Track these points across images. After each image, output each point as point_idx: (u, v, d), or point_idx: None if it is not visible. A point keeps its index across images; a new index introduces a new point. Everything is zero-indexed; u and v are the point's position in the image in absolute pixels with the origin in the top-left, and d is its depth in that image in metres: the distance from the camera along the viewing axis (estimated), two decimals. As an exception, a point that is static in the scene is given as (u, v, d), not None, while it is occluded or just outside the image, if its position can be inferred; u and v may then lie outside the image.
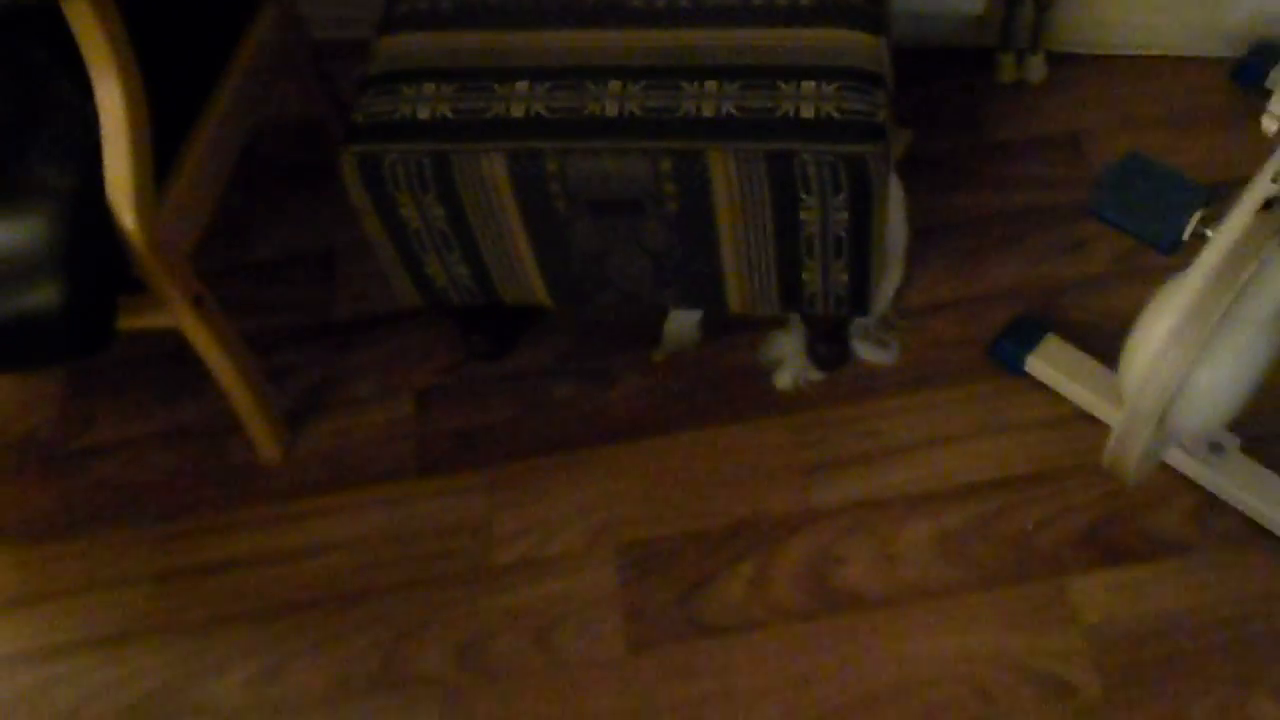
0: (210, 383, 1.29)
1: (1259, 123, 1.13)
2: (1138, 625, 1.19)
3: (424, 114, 1.12)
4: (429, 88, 1.13)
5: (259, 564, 1.31)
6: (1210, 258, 1.03)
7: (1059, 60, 1.65)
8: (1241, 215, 1.06)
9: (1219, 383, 1.05)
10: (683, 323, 1.43)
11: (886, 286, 1.42)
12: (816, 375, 1.38)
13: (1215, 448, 1.26)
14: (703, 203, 1.11)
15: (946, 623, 1.21)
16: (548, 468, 1.35)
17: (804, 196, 1.10)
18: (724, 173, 1.09)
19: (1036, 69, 1.63)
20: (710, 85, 1.10)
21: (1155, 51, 1.63)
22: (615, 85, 1.11)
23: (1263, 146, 1.08)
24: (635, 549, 1.28)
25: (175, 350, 1.47)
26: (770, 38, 1.13)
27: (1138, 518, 1.25)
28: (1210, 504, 1.25)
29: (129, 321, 1.19)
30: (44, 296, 1.06)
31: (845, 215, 1.11)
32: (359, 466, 1.37)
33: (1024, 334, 1.36)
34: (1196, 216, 1.12)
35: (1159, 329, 1.07)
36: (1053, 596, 1.21)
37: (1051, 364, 1.33)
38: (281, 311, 1.52)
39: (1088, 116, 1.59)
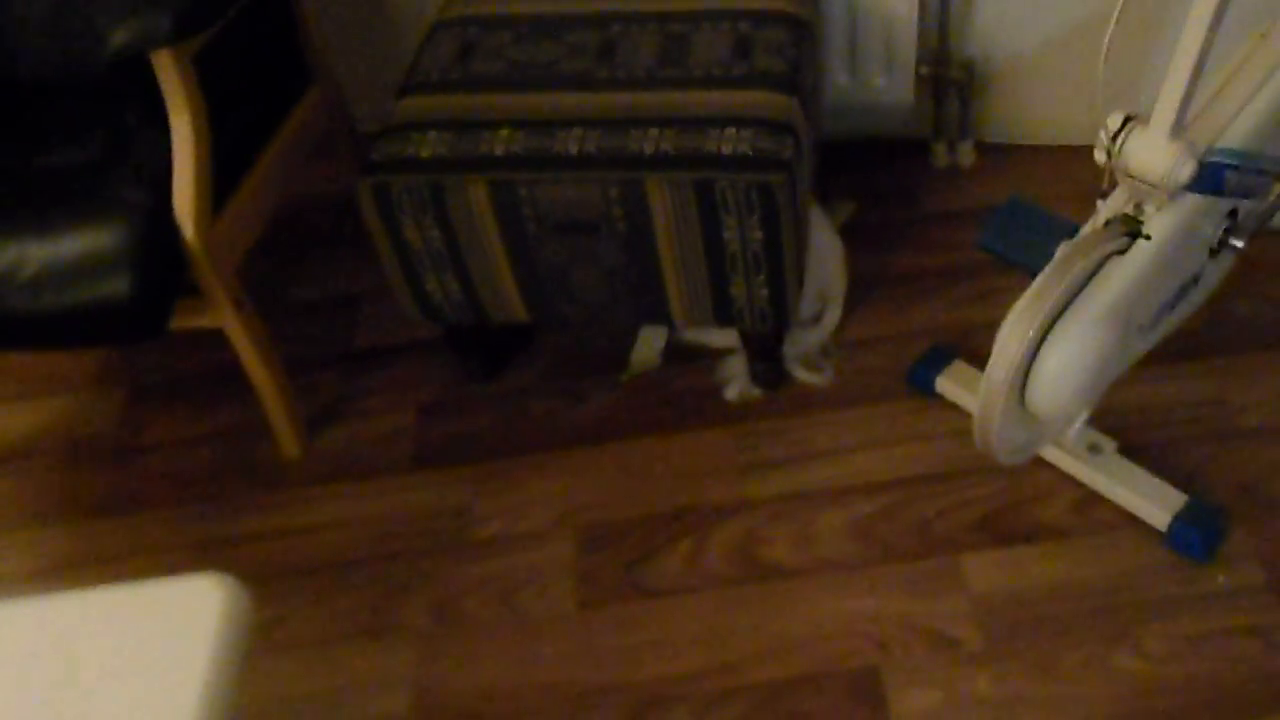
0: (243, 397, 1.55)
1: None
2: (1020, 594, 1.37)
3: (425, 153, 1.40)
4: (431, 134, 1.42)
5: (276, 537, 1.54)
6: (1057, 257, 1.26)
7: (987, 150, 1.92)
8: (1088, 229, 1.30)
9: (1066, 364, 1.26)
10: (647, 349, 1.67)
11: (826, 321, 1.66)
12: (757, 393, 1.61)
13: (1094, 449, 1.46)
14: (645, 224, 1.38)
15: (852, 590, 1.40)
16: (523, 466, 1.58)
17: (725, 218, 1.35)
18: (660, 197, 1.35)
19: (966, 155, 1.89)
20: (652, 131, 1.37)
21: (1071, 142, 1.90)
22: (577, 132, 1.39)
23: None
24: (591, 529, 1.50)
25: (217, 370, 1.74)
26: (704, 99, 1.41)
27: (1025, 509, 1.45)
28: (1091, 498, 1.45)
29: (183, 321, 1.46)
30: (116, 288, 1.34)
31: (759, 235, 1.37)
32: (364, 463, 1.61)
33: (935, 359, 1.58)
34: (1065, 242, 1.35)
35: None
36: (946, 571, 1.41)
37: (957, 383, 1.55)
38: (309, 343, 1.79)
39: (1008, 193, 1.84)
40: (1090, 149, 1.89)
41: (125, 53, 1.30)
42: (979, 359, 1.59)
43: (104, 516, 1.60)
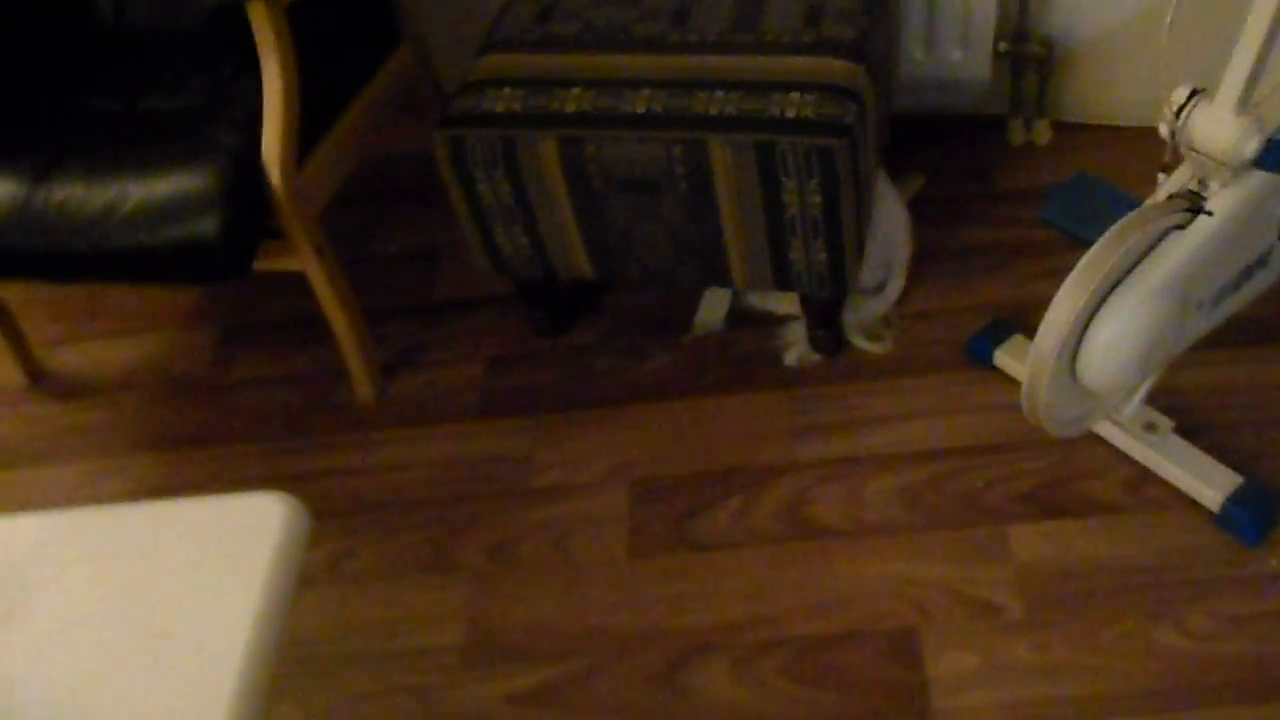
0: (325, 342, 1.62)
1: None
2: (1065, 566, 1.38)
3: (500, 108, 1.45)
4: (506, 91, 1.47)
5: (348, 475, 1.62)
6: (1113, 228, 1.27)
7: (1064, 128, 1.91)
8: (1149, 203, 1.30)
9: (1117, 338, 1.26)
10: (711, 311, 1.71)
11: (889, 290, 1.68)
12: (817, 358, 1.64)
13: (1151, 428, 1.45)
14: (706, 184, 1.41)
15: (897, 554, 1.42)
16: (583, 420, 1.63)
17: (784, 180, 1.38)
18: (722, 158, 1.38)
19: (1042, 133, 1.89)
20: (718, 94, 1.41)
21: (1146, 123, 1.87)
22: (645, 92, 1.43)
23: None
24: (645, 482, 1.54)
25: (302, 314, 1.82)
26: (772, 63, 1.43)
27: (1077, 483, 1.46)
28: (1144, 476, 1.45)
29: (267, 264, 1.54)
30: (207, 226, 1.42)
31: (819, 199, 1.39)
32: (433, 409, 1.68)
33: (996, 333, 1.59)
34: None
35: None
36: (993, 540, 1.42)
37: (1016, 357, 1.56)
38: (388, 294, 1.86)
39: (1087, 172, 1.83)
40: (1169, 130, 1.87)
41: (224, 1, 1.37)
42: (1040, 334, 1.59)
43: (192, 448, 1.70)
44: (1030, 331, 1.60)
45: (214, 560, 0.94)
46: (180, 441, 1.71)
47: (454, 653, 1.41)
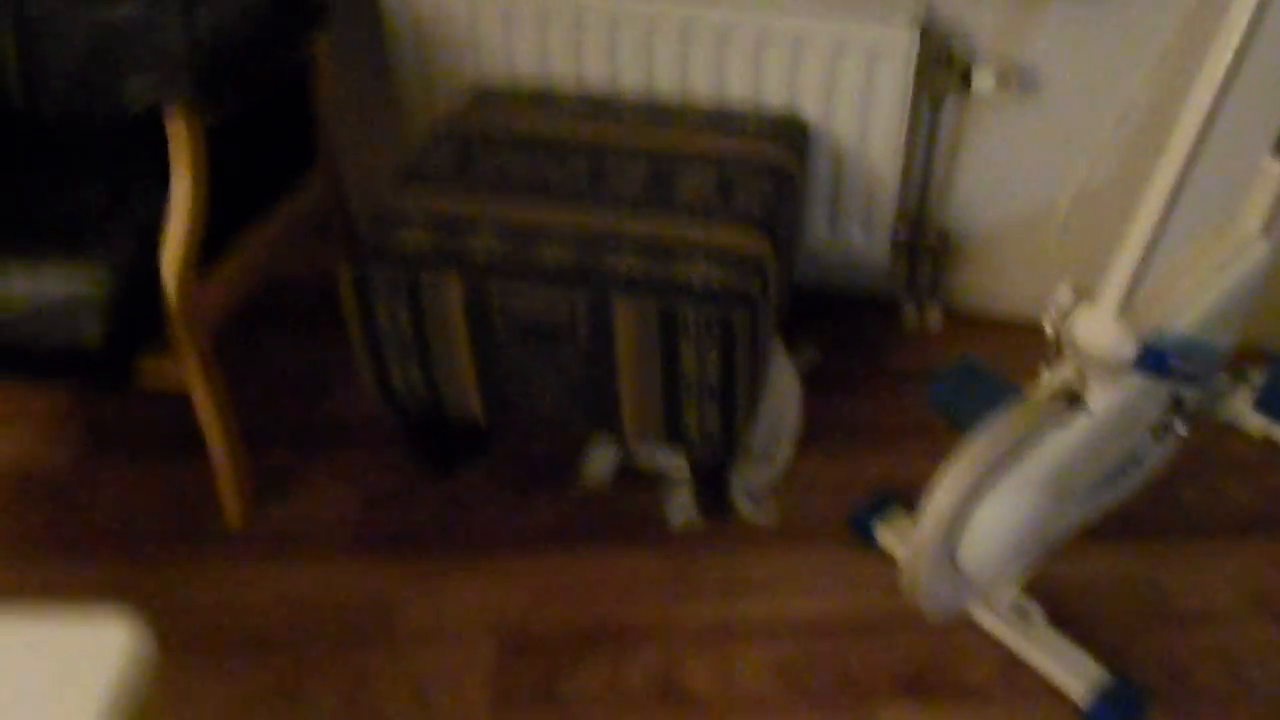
0: (198, 458, 1.56)
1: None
2: (933, 754, 1.37)
3: (409, 247, 1.45)
4: (417, 228, 1.47)
5: (202, 604, 1.54)
6: (995, 422, 1.30)
7: (956, 315, 1.98)
8: (1031, 396, 1.34)
9: (995, 526, 1.29)
10: (599, 465, 1.69)
11: (777, 460, 1.69)
12: (701, 522, 1.63)
13: (1023, 615, 1.47)
14: (607, 340, 1.42)
15: (768, 729, 1.39)
16: (458, 565, 1.59)
17: (684, 345, 1.40)
18: (624, 318, 1.39)
19: (934, 319, 1.95)
20: (627, 254, 1.43)
21: (1033, 318, 1.96)
22: (555, 244, 1.44)
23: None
24: (516, 635, 1.49)
25: (177, 426, 1.76)
26: (684, 229, 1.46)
27: (951, 668, 1.45)
28: (1015, 663, 1.45)
29: (150, 380, 1.49)
30: (90, 330, 1.37)
31: (716, 365, 1.40)
32: (304, 541, 1.62)
33: (880, 508, 1.61)
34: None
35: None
36: (863, 721, 1.40)
37: (898, 534, 1.57)
38: (271, 415, 1.81)
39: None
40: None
41: (140, 101, 1.36)
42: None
43: (39, 553, 1.60)
44: (914, 508, 1.63)
45: (42, 689, 0.88)
46: (26, 544, 1.61)
47: (297, 806, 1.33)
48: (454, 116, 1.71)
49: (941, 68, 1.71)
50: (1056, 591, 1.53)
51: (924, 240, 1.87)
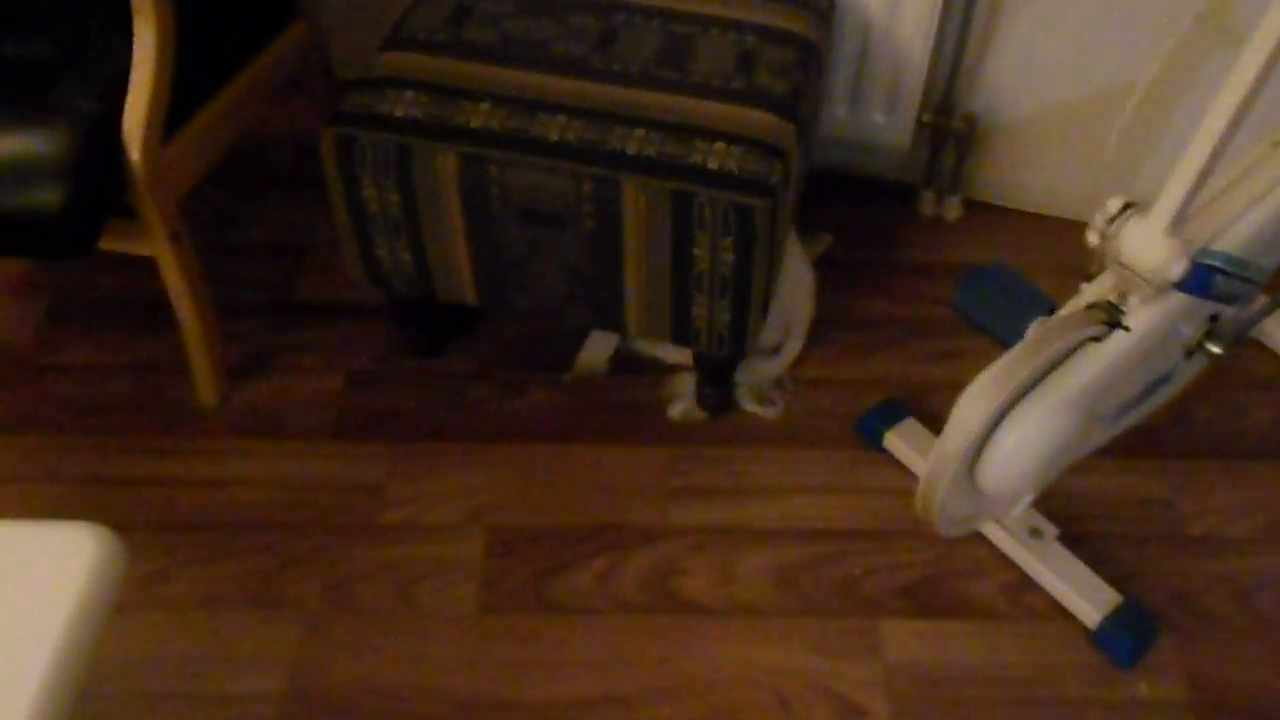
0: (168, 331, 1.46)
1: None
2: (935, 670, 1.32)
3: (399, 112, 1.32)
4: (408, 94, 1.34)
5: (174, 485, 1.46)
6: (1031, 335, 1.21)
7: (975, 207, 1.87)
8: (1067, 310, 1.25)
9: (1022, 445, 1.21)
10: (595, 352, 1.60)
11: (785, 354, 1.61)
12: (702, 416, 1.55)
13: (1035, 533, 1.41)
14: (614, 225, 1.31)
15: (764, 639, 1.34)
16: (445, 453, 1.51)
17: (698, 234, 1.29)
18: (634, 201, 1.28)
19: (952, 209, 1.84)
20: (638, 131, 1.30)
21: (1059, 214, 1.85)
22: (560, 118, 1.32)
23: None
24: (504, 531, 1.43)
25: (143, 297, 1.65)
26: (699, 107, 1.34)
27: (956, 582, 1.40)
28: (1024, 583, 1.40)
29: (115, 243, 1.37)
30: (48, 196, 1.25)
31: (731, 258, 1.30)
32: (281, 423, 1.53)
33: (887, 413, 1.53)
34: (1040, 320, 1.30)
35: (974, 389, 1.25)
36: (864, 633, 1.35)
37: (905, 441, 1.50)
38: (245, 287, 1.70)
39: (990, 255, 1.80)
40: (1079, 225, 1.86)
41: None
42: (931, 419, 1.54)
43: (2, 436, 1.51)
44: (922, 414, 1.56)
45: (9, 599, 0.81)
46: (-14, 425, 1.52)
47: (269, 703, 1.27)
48: (450, -34, 1.55)
49: (986, -64, 1.56)
50: (1069, 508, 1.47)
51: (949, 124, 1.75)
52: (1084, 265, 1.79)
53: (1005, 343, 1.34)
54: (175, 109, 1.35)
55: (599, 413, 1.56)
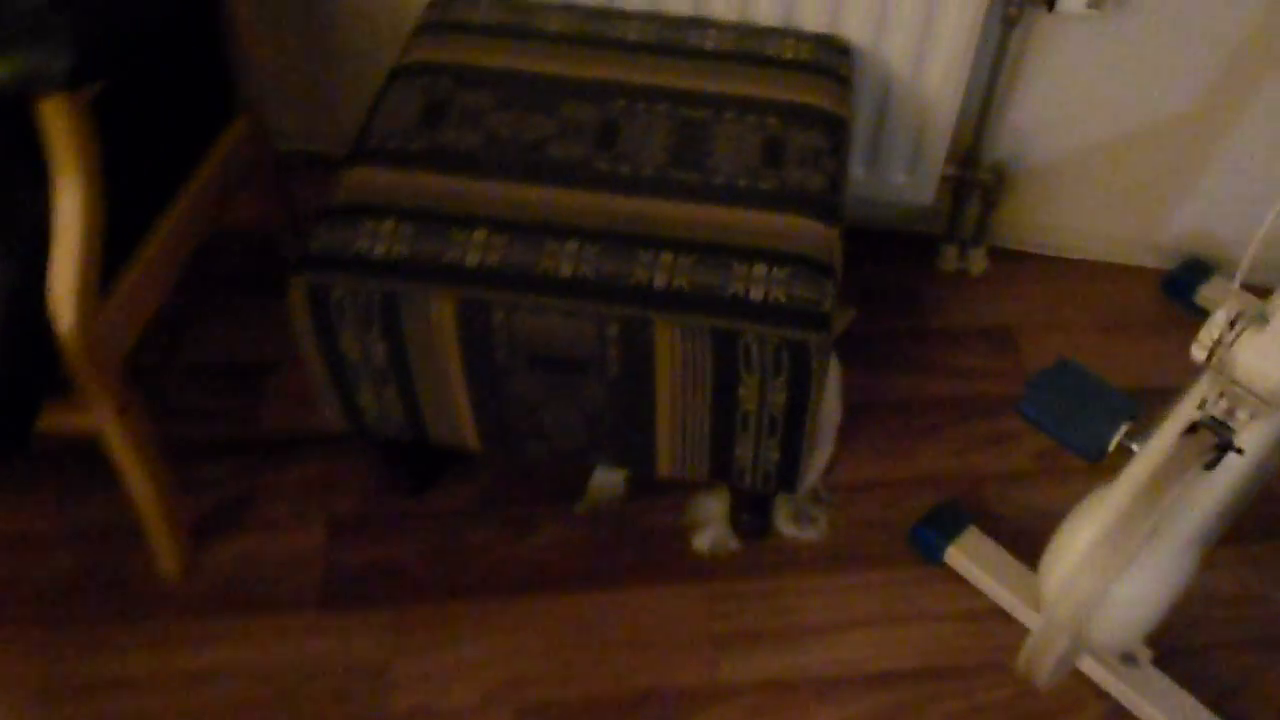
0: (116, 484, 1.25)
1: (1185, 333, 1.17)
2: (1036, 837, 1.18)
3: (379, 251, 1.11)
4: (388, 225, 1.13)
5: (138, 689, 1.25)
6: (1135, 476, 1.06)
7: (999, 255, 1.71)
8: (1166, 437, 1.09)
9: (1137, 598, 1.06)
10: (608, 478, 1.42)
11: (817, 461, 1.44)
12: (736, 544, 1.38)
13: (1128, 659, 1.27)
14: (644, 370, 1.12)
15: (846, 817, 1.19)
16: (454, 615, 1.32)
17: (744, 374, 1.11)
18: (669, 344, 1.09)
19: (977, 261, 1.68)
20: (665, 256, 1.11)
21: (1091, 257, 1.70)
22: (571, 245, 1.12)
23: (1187, 356, 1.10)
24: (536, 711, 1.25)
25: (83, 445, 1.42)
26: (729, 217, 1.15)
27: (1044, 723, 1.26)
28: (1118, 714, 1.26)
29: (48, 422, 1.15)
30: (-41, 392, 1.03)
31: (783, 397, 1.12)
32: (261, 592, 1.33)
33: (945, 522, 1.37)
34: (1122, 429, 1.15)
35: (1080, 540, 1.09)
36: (954, 799, 1.20)
37: (970, 556, 1.34)
38: (207, 420, 1.48)
39: (1022, 312, 1.64)
40: (1112, 268, 1.71)
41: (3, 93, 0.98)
42: (991, 520, 1.39)
43: (-77, 638, 1.29)
44: (982, 520, 1.40)
45: None
46: (-89, 624, 1.30)
47: None
48: (410, 52, 1.34)
49: (1019, -23, 1.38)
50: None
51: (976, 176, 1.58)
52: (1127, 314, 1.65)
53: (1083, 454, 1.19)
54: (111, 254, 1.13)
55: (621, 547, 1.38)
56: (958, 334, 1.62)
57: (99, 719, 1.22)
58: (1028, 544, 1.36)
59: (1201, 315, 1.60)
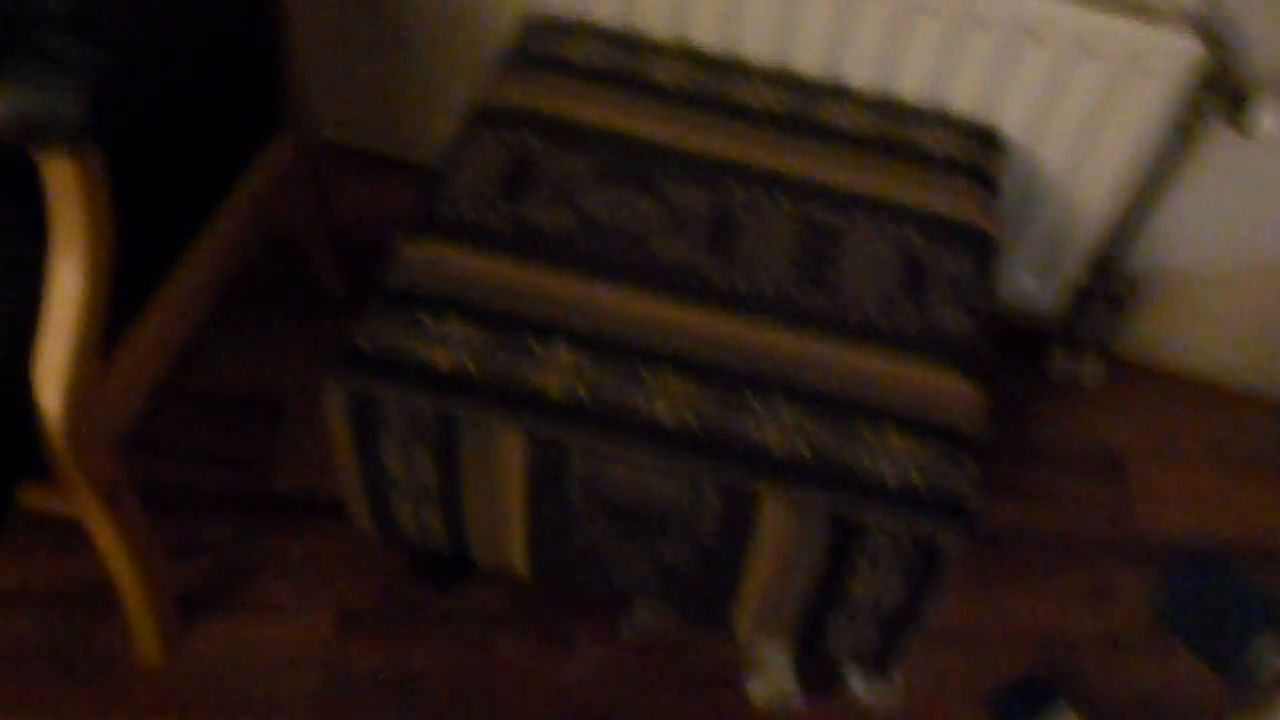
0: (89, 544, 1.07)
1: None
2: None
3: (440, 361, 0.92)
4: (453, 325, 0.94)
5: (108, 796, 1.09)
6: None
7: (1116, 367, 1.52)
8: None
9: None
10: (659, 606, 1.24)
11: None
12: (799, 698, 1.21)
13: None
14: (741, 541, 0.94)
15: None
16: (476, 741, 1.15)
17: (859, 563, 0.93)
18: (776, 520, 0.91)
19: (1093, 373, 1.49)
20: (782, 409, 0.92)
21: (1220, 384, 1.51)
22: (672, 380, 0.93)
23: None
24: None
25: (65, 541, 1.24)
26: (860, 362, 0.96)
27: None
28: None
29: (28, 502, 0.97)
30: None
31: (901, 591, 0.95)
32: (250, 690, 1.16)
33: (1034, 699, 1.20)
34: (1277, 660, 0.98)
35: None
36: None
37: (1062, 748, 1.18)
38: (213, 465, 1.30)
39: (1135, 436, 1.46)
40: (1245, 401, 1.53)
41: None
42: (1088, 698, 1.22)
43: None
44: (1076, 696, 1.23)
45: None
46: None
47: None
48: (500, 88, 1.13)
49: (1210, 91, 1.18)
50: None
51: (1112, 289, 1.39)
52: (1249, 452, 1.46)
53: (1226, 678, 1.02)
54: (114, 319, 0.94)
55: (669, 684, 1.21)
56: (1060, 455, 1.44)
57: (53, 834, 1.06)
58: (1126, 732, 1.19)
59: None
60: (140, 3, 0.84)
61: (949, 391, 0.96)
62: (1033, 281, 1.34)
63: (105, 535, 1.02)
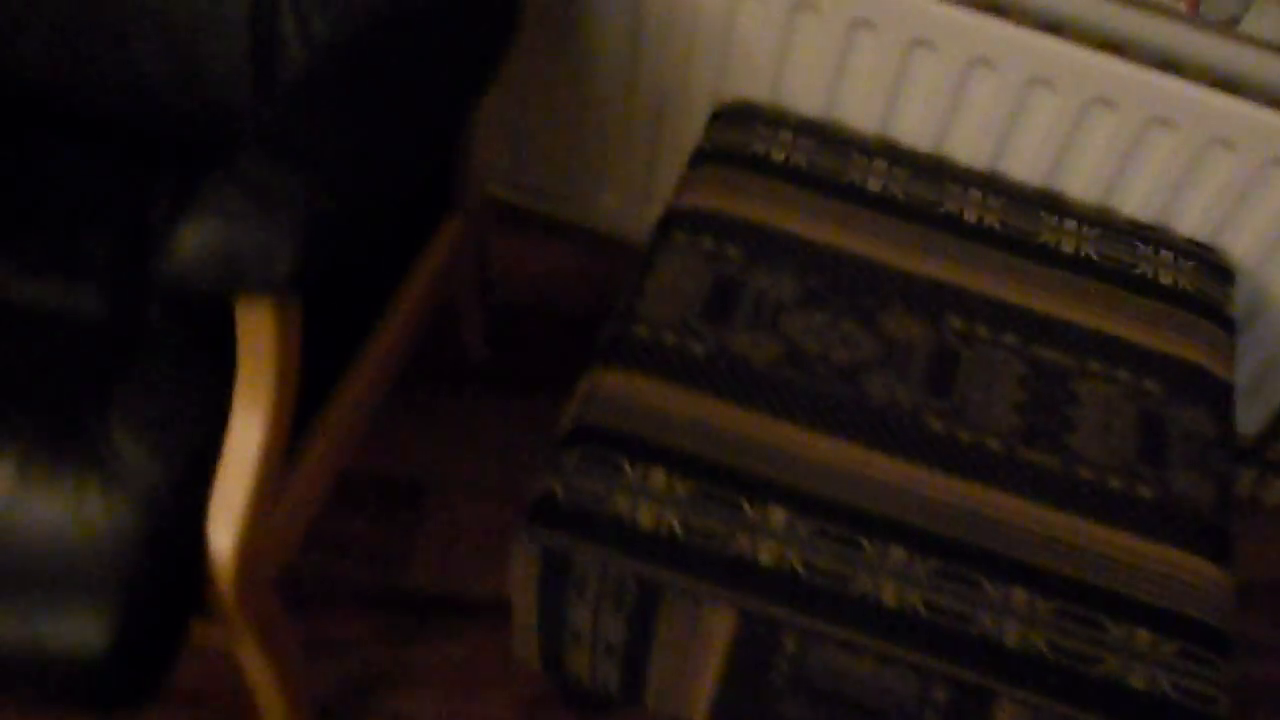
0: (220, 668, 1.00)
1: None
2: None
3: (646, 519, 0.84)
4: (657, 476, 0.85)
5: None
6: None
7: (1299, 489, 1.41)
8: None
9: None
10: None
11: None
12: None
13: None
14: (963, 737, 0.85)
15: None
16: None
17: (1096, 774, 0.84)
18: (1009, 722, 0.82)
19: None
20: (1017, 596, 0.83)
21: None
22: (897, 553, 0.84)
23: None
24: None
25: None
26: (1098, 538, 0.87)
27: None
28: None
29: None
30: (84, 627, 0.78)
31: (1134, 802, 0.86)
32: (392, 815, 1.09)
33: None
34: None
35: None
36: None
37: None
38: (350, 555, 1.22)
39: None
40: None
41: (185, 285, 0.70)
42: None
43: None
44: None
45: None
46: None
47: None
48: (693, 173, 1.04)
49: None
50: None
51: (1317, 415, 1.28)
52: None
53: None
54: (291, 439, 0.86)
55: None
56: (1241, 585, 1.33)
57: None
58: None
59: None
60: (363, 123, 0.75)
61: (1193, 577, 0.87)
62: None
63: (256, 666, 0.95)
